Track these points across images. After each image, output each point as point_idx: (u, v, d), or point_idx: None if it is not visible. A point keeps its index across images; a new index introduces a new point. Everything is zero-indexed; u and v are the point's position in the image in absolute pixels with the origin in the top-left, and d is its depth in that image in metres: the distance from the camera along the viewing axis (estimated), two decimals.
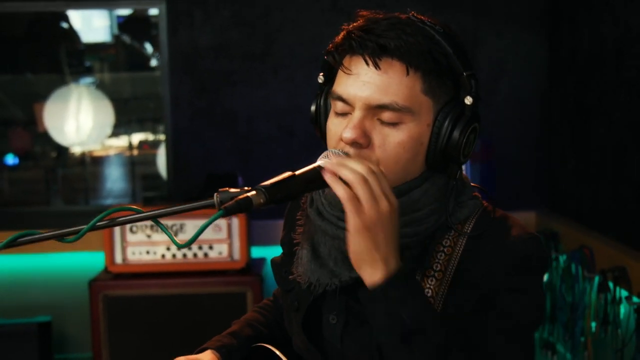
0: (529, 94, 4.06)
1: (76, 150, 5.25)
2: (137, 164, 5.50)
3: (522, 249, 1.40)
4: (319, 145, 1.49)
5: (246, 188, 1.22)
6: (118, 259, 3.59)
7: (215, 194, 1.21)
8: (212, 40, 4.03)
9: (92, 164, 5.50)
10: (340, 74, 1.41)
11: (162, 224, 1.20)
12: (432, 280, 1.42)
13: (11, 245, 1.18)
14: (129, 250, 3.60)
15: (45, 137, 4.79)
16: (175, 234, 3.59)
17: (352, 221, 1.26)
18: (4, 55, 5.08)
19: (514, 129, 4.07)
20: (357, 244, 1.27)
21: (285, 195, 1.26)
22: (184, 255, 3.59)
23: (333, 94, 1.42)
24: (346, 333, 1.48)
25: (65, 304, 4.07)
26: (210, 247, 3.59)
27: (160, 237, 3.59)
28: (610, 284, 3.08)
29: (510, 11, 4.03)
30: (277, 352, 1.57)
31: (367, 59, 1.36)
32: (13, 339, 3.71)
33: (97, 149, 5.46)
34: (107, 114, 4.72)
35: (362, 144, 1.37)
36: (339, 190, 1.25)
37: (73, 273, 4.05)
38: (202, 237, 3.57)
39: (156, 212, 1.20)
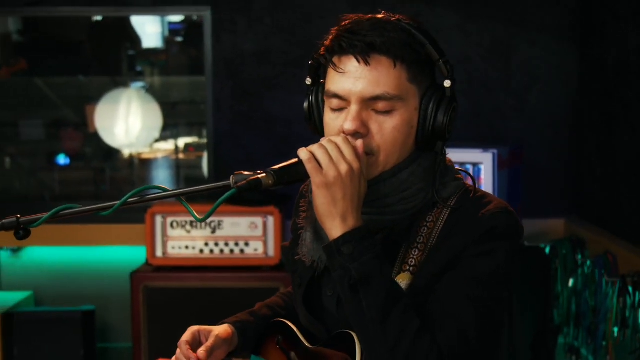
0: (559, 102, 4.16)
1: (125, 152, 5.40)
2: (183, 167, 5.65)
3: (490, 221, 1.54)
4: None
5: (259, 171, 1.38)
6: (159, 252, 3.78)
7: (232, 175, 1.38)
8: (254, 47, 4.21)
9: (140, 166, 5.65)
10: (332, 73, 1.57)
11: (184, 200, 1.36)
12: (415, 252, 1.57)
13: (55, 217, 1.34)
14: (169, 244, 3.78)
15: (96, 139, 4.97)
16: (214, 230, 3.77)
17: (313, 179, 1.47)
18: (57, 58, 5.28)
19: (544, 137, 4.17)
20: (318, 199, 1.48)
21: (292, 178, 1.45)
22: (221, 251, 3.76)
23: (328, 92, 1.58)
24: (341, 304, 1.61)
25: (109, 294, 4.27)
26: (247, 244, 3.76)
27: (198, 232, 3.77)
28: (630, 289, 3.17)
29: (543, 21, 4.14)
30: (291, 325, 1.72)
31: (358, 57, 1.52)
32: (59, 326, 3.90)
33: (145, 152, 5.61)
34: (155, 117, 4.87)
35: (362, 133, 1.54)
36: (302, 154, 1.47)
37: (117, 266, 4.24)
38: (239, 234, 3.76)
39: (179, 191, 1.37)
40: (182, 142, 5.64)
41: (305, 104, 1.67)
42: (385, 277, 1.48)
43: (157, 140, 5.27)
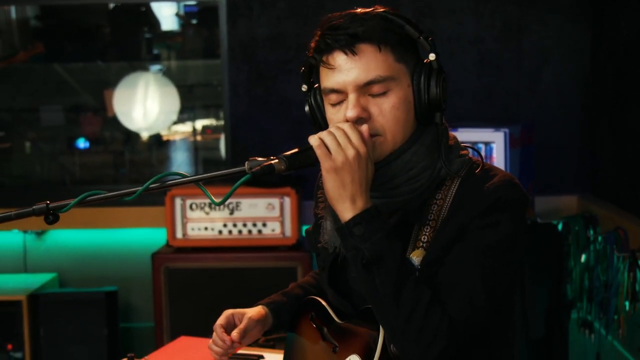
0: (572, 82, 4.20)
1: (144, 135, 5.47)
2: (200, 148, 5.72)
3: (495, 192, 1.61)
4: None
5: (272, 157, 1.46)
6: (179, 234, 3.87)
7: (247, 162, 1.46)
8: (268, 31, 4.27)
9: (159, 148, 5.72)
10: (324, 71, 1.66)
11: (202, 185, 1.44)
12: (427, 229, 1.65)
13: (82, 203, 1.42)
14: (189, 226, 3.87)
15: (114, 123, 5.05)
16: (232, 211, 3.85)
17: (322, 164, 1.54)
18: (75, 44, 5.36)
19: (556, 116, 4.21)
20: (327, 183, 1.56)
21: (303, 163, 1.54)
22: (239, 232, 3.85)
23: (325, 89, 1.67)
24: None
25: (131, 275, 4.37)
26: (264, 225, 3.84)
27: (217, 214, 3.85)
28: None
29: (554, 1, 4.17)
30: (322, 302, 1.81)
31: (345, 50, 1.61)
32: (83, 307, 4.01)
33: (163, 134, 5.68)
34: (173, 100, 4.93)
35: (364, 118, 1.62)
36: (312, 140, 1.55)
37: (138, 247, 4.34)
38: (256, 215, 3.84)
39: (197, 177, 1.45)
40: (199, 124, 5.69)
41: (307, 109, 1.76)
42: (396, 255, 1.55)
43: (175, 123, 5.33)
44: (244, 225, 3.85)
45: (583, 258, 3.83)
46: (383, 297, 1.54)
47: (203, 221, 3.87)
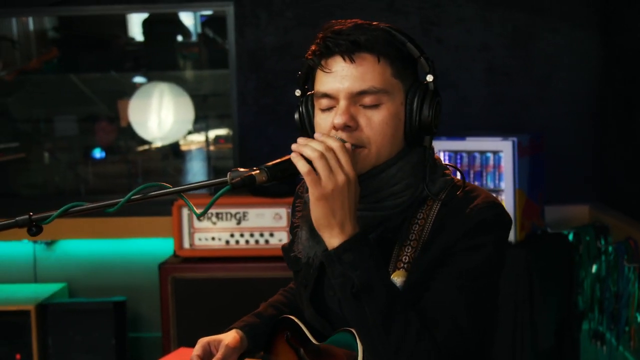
0: (582, 89, 4.16)
1: (158, 144, 5.48)
2: (214, 158, 5.73)
3: (477, 215, 1.59)
4: None
5: (254, 168, 1.45)
6: (186, 244, 3.86)
7: (229, 172, 1.44)
8: (276, 40, 4.27)
9: (174, 158, 5.73)
10: (320, 75, 1.64)
11: (185, 197, 1.43)
12: (408, 249, 1.62)
13: (65, 214, 1.41)
14: (196, 236, 3.86)
15: (130, 132, 5.07)
16: (239, 221, 3.84)
17: (312, 191, 1.50)
18: (91, 54, 5.38)
19: (566, 124, 4.17)
20: (316, 211, 1.51)
21: (285, 174, 1.51)
22: (247, 242, 3.83)
23: (317, 93, 1.65)
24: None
25: (139, 285, 4.36)
26: (271, 235, 3.83)
27: (224, 224, 3.84)
28: None
29: (564, 8, 4.14)
30: (298, 322, 1.78)
31: (344, 55, 1.59)
32: (91, 317, 4.02)
33: (178, 144, 5.68)
34: (187, 110, 4.95)
35: (352, 127, 1.60)
36: (300, 165, 1.49)
37: (146, 257, 4.33)
38: (263, 225, 3.83)
39: (179, 187, 1.43)
40: (213, 134, 5.70)
41: (296, 115, 1.74)
42: (385, 283, 1.53)
43: (190, 133, 5.34)
44: (251, 235, 3.84)
45: (594, 268, 3.79)
46: (372, 327, 1.52)
47: (210, 231, 3.86)
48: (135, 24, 5.81)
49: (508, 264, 3.45)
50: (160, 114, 4.90)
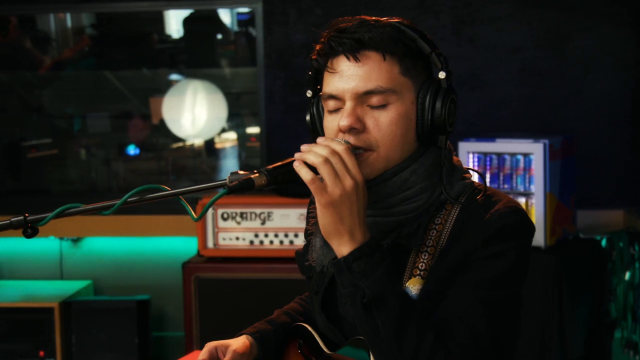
0: (617, 90, 4.04)
1: (193, 142, 5.47)
2: (246, 156, 5.70)
3: (498, 221, 1.52)
4: None
5: (254, 171, 1.39)
6: (210, 243, 3.82)
7: (228, 175, 1.38)
8: (305, 38, 4.21)
9: (207, 155, 5.72)
10: (326, 76, 1.58)
11: (183, 200, 1.38)
12: (425, 256, 1.55)
13: (61, 216, 1.37)
14: (220, 235, 3.82)
15: (162, 129, 5.06)
16: (263, 222, 3.80)
17: (318, 199, 1.43)
18: (127, 51, 5.38)
19: (600, 126, 4.06)
20: (324, 219, 1.44)
21: (286, 178, 1.44)
22: (271, 242, 3.79)
23: (324, 95, 1.58)
24: None
25: (165, 284, 4.35)
26: (296, 235, 3.77)
27: (249, 224, 3.80)
28: None
29: (598, 8, 4.03)
30: (311, 330, 1.72)
31: (348, 54, 1.52)
32: (114, 315, 4.00)
33: (212, 141, 5.67)
34: (220, 108, 4.92)
35: (358, 129, 1.53)
36: (303, 173, 1.42)
37: (172, 256, 4.31)
38: (288, 225, 3.78)
39: (178, 190, 1.39)
40: (246, 131, 5.67)
41: (307, 117, 1.68)
42: (398, 293, 1.46)
43: (223, 130, 5.32)
44: (276, 235, 3.79)
45: (627, 275, 3.68)
46: (384, 339, 1.45)
47: (234, 231, 3.82)
48: (172, 21, 5.80)
49: (537, 270, 3.39)
50: (193, 111, 4.88)
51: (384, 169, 1.55)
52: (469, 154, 3.64)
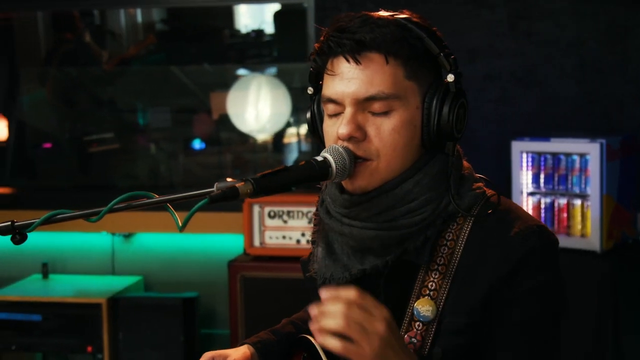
0: None
1: (258, 137, 5.46)
2: (308, 152, 5.66)
3: (523, 244, 1.42)
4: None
5: (243, 178, 1.32)
6: (256, 242, 3.78)
7: (216, 183, 1.32)
8: None
9: (272, 150, 5.70)
10: (326, 77, 1.47)
11: (170, 208, 1.32)
12: (435, 275, 1.45)
13: (47, 222, 1.33)
14: (267, 234, 3.78)
15: (224, 124, 5.04)
16: (310, 220, 3.72)
17: None
18: (195, 46, 5.40)
19: None
20: None
21: (275, 187, 1.35)
22: None
23: (323, 97, 1.48)
24: None
25: (213, 281, 4.32)
26: None
27: (295, 222, 3.74)
28: None
29: None
30: (314, 342, 1.63)
31: (347, 56, 1.42)
32: (161, 312, 4.00)
33: (275, 136, 5.65)
34: (284, 103, 4.88)
35: (357, 138, 1.43)
36: (332, 345, 1.26)
37: (220, 253, 4.28)
38: None
39: (164, 198, 1.32)
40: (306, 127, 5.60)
41: (308, 114, 1.58)
42: None
43: (289, 125, 5.29)
44: None
45: None
46: None
47: (281, 230, 3.77)
48: (242, 16, 5.80)
49: (589, 277, 3.23)
50: (257, 107, 4.86)
51: (383, 179, 1.45)
52: (522, 154, 3.52)
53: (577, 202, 3.42)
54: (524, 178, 3.53)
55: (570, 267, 3.13)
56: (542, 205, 3.51)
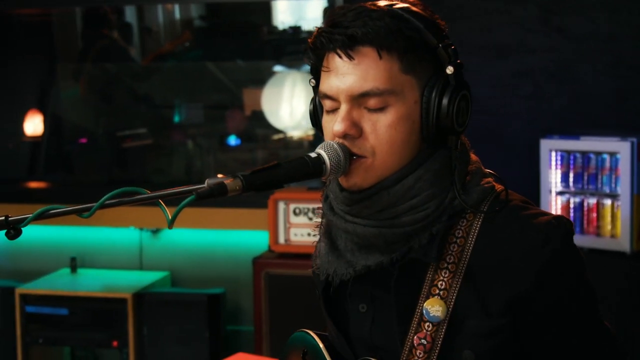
0: None
1: (293, 133, 5.44)
2: None
3: (544, 246, 1.39)
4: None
5: (236, 174, 1.29)
6: (281, 239, 3.76)
7: (207, 179, 1.29)
8: None
9: (309, 147, 5.69)
10: (322, 73, 1.44)
11: (162, 204, 1.30)
12: (445, 273, 1.41)
13: (40, 218, 1.32)
14: (292, 231, 3.75)
15: (257, 120, 5.02)
16: (311, 219, 3.72)
17: None
18: (234, 43, 5.40)
19: None
20: None
21: (266, 183, 1.32)
22: None
23: (320, 93, 1.45)
24: (376, 323, 1.50)
25: (239, 277, 4.30)
26: None
27: None
28: None
29: None
30: (315, 337, 1.60)
31: (339, 52, 1.38)
32: (186, 308, 4.00)
33: (310, 133, 5.63)
34: None
35: (353, 135, 1.39)
36: None
37: (247, 249, 4.27)
38: None
39: (156, 194, 1.30)
40: None
41: (311, 106, 1.54)
42: None
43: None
44: None
45: None
46: None
47: (307, 227, 3.74)
48: (281, 12, 5.78)
49: (620, 278, 3.17)
50: (291, 103, 4.84)
51: (379, 177, 1.41)
52: (551, 152, 3.46)
53: (607, 202, 3.35)
54: (552, 177, 3.46)
55: (600, 269, 3.07)
56: (571, 205, 3.45)
